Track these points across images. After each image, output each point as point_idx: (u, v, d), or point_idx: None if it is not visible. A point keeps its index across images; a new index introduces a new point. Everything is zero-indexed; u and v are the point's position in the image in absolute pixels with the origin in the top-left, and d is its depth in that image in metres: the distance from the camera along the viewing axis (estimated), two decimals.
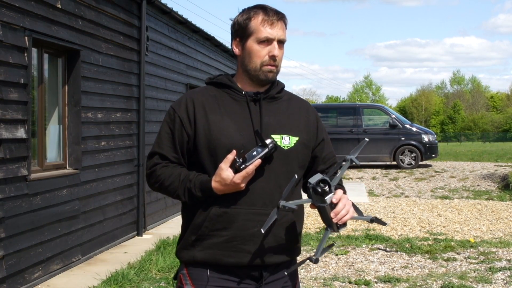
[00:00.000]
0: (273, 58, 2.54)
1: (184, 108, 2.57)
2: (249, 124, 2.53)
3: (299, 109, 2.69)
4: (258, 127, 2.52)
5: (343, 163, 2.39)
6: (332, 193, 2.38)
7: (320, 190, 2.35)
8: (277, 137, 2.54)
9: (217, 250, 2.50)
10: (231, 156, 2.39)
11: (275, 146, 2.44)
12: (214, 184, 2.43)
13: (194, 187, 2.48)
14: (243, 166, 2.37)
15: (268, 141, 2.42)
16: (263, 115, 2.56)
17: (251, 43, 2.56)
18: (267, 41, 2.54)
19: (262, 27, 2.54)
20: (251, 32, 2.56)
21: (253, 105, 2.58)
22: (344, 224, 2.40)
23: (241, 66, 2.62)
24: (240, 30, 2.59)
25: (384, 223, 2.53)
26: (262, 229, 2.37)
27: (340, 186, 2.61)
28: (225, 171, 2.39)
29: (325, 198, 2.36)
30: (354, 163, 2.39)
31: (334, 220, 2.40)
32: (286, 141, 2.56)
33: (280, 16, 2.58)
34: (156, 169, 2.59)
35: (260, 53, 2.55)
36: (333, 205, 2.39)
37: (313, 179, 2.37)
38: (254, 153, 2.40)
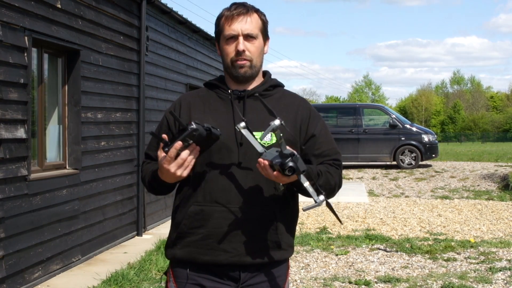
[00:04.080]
0: (238, 53, 2.53)
1: (172, 110, 2.62)
2: (231, 121, 2.53)
3: (288, 106, 2.65)
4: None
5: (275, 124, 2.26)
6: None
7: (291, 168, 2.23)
8: (257, 134, 2.51)
9: (194, 248, 2.52)
10: (165, 137, 2.36)
11: (199, 129, 2.29)
12: (158, 166, 2.45)
13: (151, 174, 2.55)
14: (166, 149, 2.32)
15: (192, 124, 2.29)
16: (247, 112, 2.56)
17: (222, 43, 2.59)
18: (233, 38, 2.54)
19: (226, 25, 2.55)
20: (219, 32, 2.59)
21: (237, 102, 2.59)
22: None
23: (223, 66, 2.66)
24: (215, 32, 2.65)
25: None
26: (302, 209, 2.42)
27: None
28: (159, 156, 2.39)
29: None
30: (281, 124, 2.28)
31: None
32: (267, 138, 2.53)
33: (241, 10, 2.55)
34: (143, 168, 2.68)
35: (228, 51, 2.56)
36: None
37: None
38: (177, 136, 2.33)
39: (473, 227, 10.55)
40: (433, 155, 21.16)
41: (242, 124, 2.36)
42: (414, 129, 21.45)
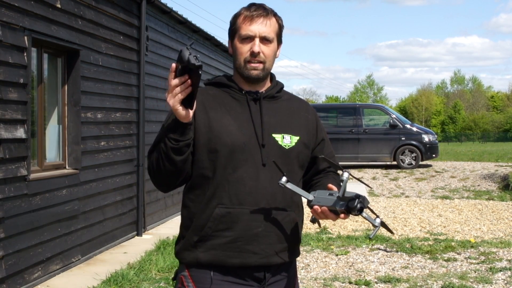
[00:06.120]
0: (253, 54, 2.50)
1: None
2: (250, 122, 2.51)
3: (298, 109, 2.68)
4: (259, 126, 2.51)
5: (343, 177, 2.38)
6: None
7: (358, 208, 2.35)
8: (277, 136, 2.53)
9: (221, 251, 2.46)
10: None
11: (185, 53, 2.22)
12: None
13: (167, 131, 2.38)
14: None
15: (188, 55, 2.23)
16: (264, 114, 2.55)
17: (236, 41, 2.55)
18: (249, 38, 2.51)
19: (243, 25, 2.52)
20: (235, 31, 2.55)
21: (253, 104, 2.56)
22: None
23: (233, 65, 2.63)
24: (230, 30, 2.60)
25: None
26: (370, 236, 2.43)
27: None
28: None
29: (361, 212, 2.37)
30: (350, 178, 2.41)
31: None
32: (287, 140, 2.54)
33: (261, 12, 2.53)
34: (151, 158, 2.49)
35: (242, 50, 2.53)
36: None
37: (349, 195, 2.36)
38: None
39: (474, 227, 10.54)
40: (434, 155, 21.15)
41: (284, 179, 2.41)
42: (414, 129, 21.44)
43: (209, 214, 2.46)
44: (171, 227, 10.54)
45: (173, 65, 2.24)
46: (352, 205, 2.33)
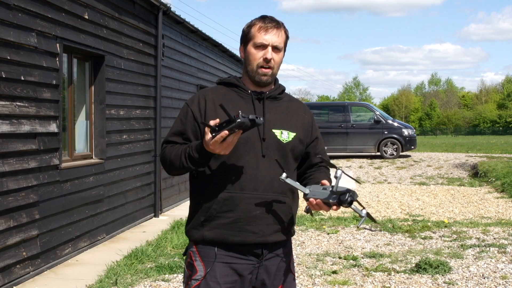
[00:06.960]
0: (266, 60, 2.51)
1: (197, 103, 2.55)
2: None
3: (297, 110, 2.67)
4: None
5: (337, 175, 2.38)
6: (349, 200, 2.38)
7: (349, 201, 2.36)
8: (277, 132, 2.53)
9: (224, 230, 2.47)
10: (212, 122, 2.29)
11: (245, 122, 2.26)
12: (203, 143, 2.36)
13: (191, 150, 2.40)
14: (213, 134, 2.29)
15: (239, 118, 2.26)
16: (266, 111, 2.55)
17: (250, 47, 2.55)
18: (262, 46, 2.52)
19: (258, 34, 2.52)
20: (250, 38, 2.55)
21: (257, 102, 2.56)
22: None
23: (244, 68, 2.62)
24: (244, 37, 2.59)
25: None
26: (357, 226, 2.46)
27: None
28: (207, 134, 2.31)
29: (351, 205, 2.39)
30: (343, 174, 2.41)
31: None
32: (285, 135, 2.54)
33: (275, 24, 2.54)
34: (165, 151, 2.55)
35: (255, 56, 2.53)
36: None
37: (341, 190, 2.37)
38: (224, 124, 2.29)
39: (447, 209, 10.53)
40: (412, 147, 21.12)
41: (284, 175, 2.43)
42: (396, 124, 21.40)
43: (214, 197, 2.47)
44: (184, 209, 10.53)
45: (226, 132, 2.26)
46: (344, 199, 2.35)
